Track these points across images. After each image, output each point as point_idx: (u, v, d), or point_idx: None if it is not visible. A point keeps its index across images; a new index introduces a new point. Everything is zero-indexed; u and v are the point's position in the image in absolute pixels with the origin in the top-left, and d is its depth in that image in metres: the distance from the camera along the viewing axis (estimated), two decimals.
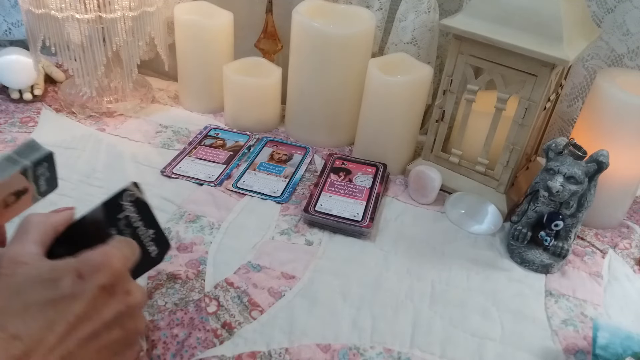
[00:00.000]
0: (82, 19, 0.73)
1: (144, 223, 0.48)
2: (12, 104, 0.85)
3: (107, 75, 0.82)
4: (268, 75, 0.82)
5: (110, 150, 0.76)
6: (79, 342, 0.34)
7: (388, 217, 0.69)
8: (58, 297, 0.35)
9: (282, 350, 0.49)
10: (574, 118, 0.81)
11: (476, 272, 0.61)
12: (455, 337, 0.53)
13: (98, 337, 0.36)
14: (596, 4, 0.73)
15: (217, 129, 0.84)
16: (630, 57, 0.73)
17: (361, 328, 0.52)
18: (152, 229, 0.49)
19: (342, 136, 0.84)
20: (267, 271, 0.58)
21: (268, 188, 0.71)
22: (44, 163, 0.50)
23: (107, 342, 0.36)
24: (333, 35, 0.73)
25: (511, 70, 0.63)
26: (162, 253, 0.51)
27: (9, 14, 0.98)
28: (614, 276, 0.63)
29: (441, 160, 0.75)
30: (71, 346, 0.34)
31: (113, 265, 0.37)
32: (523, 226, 0.64)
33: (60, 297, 0.35)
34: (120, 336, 0.37)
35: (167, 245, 0.51)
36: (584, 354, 0.52)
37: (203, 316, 0.52)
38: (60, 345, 0.34)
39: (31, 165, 0.49)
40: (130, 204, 0.46)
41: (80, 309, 0.35)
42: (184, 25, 0.82)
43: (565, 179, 0.58)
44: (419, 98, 0.73)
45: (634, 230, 0.71)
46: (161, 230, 0.50)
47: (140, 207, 0.48)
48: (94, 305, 0.35)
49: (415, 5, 0.78)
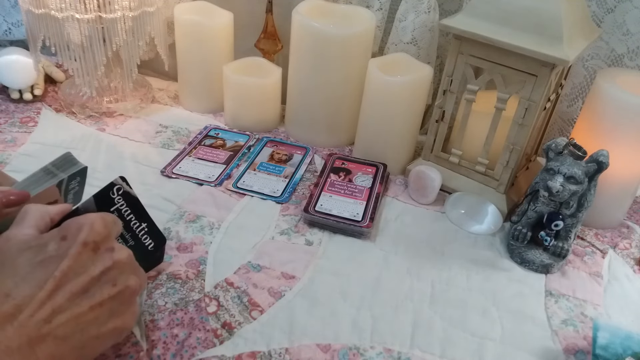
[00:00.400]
0: (82, 19, 0.73)
1: (135, 216, 0.49)
2: (12, 104, 0.85)
3: (107, 75, 0.82)
4: (268, 75, 0.82)
5: (110, 150, 0.76)
6: (68, 297, 0.36)
7: (388, 217, 0.69)
8: (45, 258, 0.37)
9: (282, 350, 0.49)
10: (574, 118, 0.81)
11: (476, 272, 0.61)
12: (455, 337, 0.53)
13: (88, 292, 0.37)
14: (596, 4, 0.73)
15: (217, 129, 0.84)
16: (630, 57, 0.73)
17: (361, 328, 0.52)
18: (145, 223, 0.50)
19: (342, 136, 0.84)
20: (267, 271, 0.58)
21: (268, 188, 0.71)
22: (77, 177, 0.51)
23: (100, 299, 0.37)
24: (333, 35, 0.73)
25: (511, 70, 0.63)
26: (159, 247, 0.52)
27: (9, 14, 0.98)
28: (614, 276, 0.63)
29: (441, 160, 0.75)
30: (61, 300, 0.36)
31: (93, 224, 0.39)
32: (523, 226, 0.64)
33: (47, 258, 0.37)
34: (113, 293, 0.38)
35: (163, 239, 0.52)
36: (584, 354, 0.52)
37: (203, 316, 0.52)
38: (50, 299, 0.35)
39: (67, 178, 0.50)
40: (120, 197, 0.48)
41: (66, 265, 0.36)
42: (184, 25, 0.82)
43: (565, 179, 0.58)
44: (419, 98, 0.73)
45: (634, 230, 0.71)
46: (154, 224, 0.51)
47: (130, 201, 0.49)
48: (79, 261, 0.37)
49: (415, 5, 0.78)
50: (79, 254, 0.37)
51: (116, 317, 0.39)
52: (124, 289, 0.39)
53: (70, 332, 0.36)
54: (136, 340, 0.48)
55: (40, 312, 0.35)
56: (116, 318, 0.39)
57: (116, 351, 0.47)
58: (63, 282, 0.36)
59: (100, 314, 0.37)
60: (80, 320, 0.36)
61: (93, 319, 0.37)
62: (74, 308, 0.36)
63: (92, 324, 0.37)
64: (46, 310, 0.35)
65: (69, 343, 0.36)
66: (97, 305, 0.37)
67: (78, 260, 0.37)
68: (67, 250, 0.37)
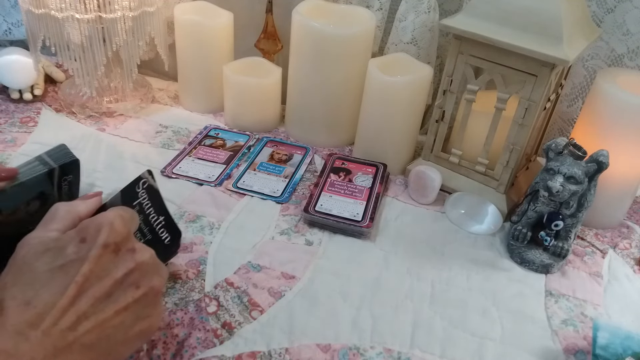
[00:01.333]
0: (82, 19, 0.73)
1: (154, 209, 0.49)
2: (12, 104, 0.85)
3: (107, 75, 0.82)
4: (268, 75, 0.82)
5: (110, 150, 0.76)
6: (92, 302, 0.35)
7: (388, 217, 0.69)
8: (65, 263, 0.35)
9: (282, 350, 0.49)
10: (574, 118, 0.81)
11: (476, 272, 0.61)
12: (455, 337, 0.53)
13: (112, 297, 0.36)
14: (596, 4, 0.73)
15: (217, 129, 0.84)
16: (630, 57, 0.73)
17: (361, 328, 0.52)
18: (162, 216, 0.49)
19: (342, 136, 0.84)
20: (267, 271, 0.58)
21: (268, 188, 0.71)
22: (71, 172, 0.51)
23: (125, 303, 0.36)
24: (333, 35, 0.73)
25: (511, 70, 0.63)
26: (174, 240, 0.52)
27: (9, 14, 0.98)
28: (614, 276, 0.63)
29: (441, 160, 0.75)
30: (84, 306, 0.34)
31: (113, 224, 0.37)
32: (523, 226, 0.64)
33: (67, 262, 0.35)
34: (137, 296, 0.37)
35: (178, 232, 0.52)
36: (584, 354, 0.52)
37: (203, 316, 0.52)
38: (73, 305, 0.34)
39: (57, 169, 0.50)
40: (144, 191, 0.47)
41: (87, 269, 0.35)
42: (184, 25, 0.82)
43: (565, 179, 0.58)
44: (419, 98, 0.73)
45: (634, 230, 0.71)
46: (170, 217, 0.50)
47: (152, 194, 0.48)
48: (101, 264, 0.36)
49: (415, 5, 0.78)
50: (100, 257, 0.36)
51: (142, 320, 0.37)
52: (148, 290, 0.37)
53: (97, 339, 0.34)
54: None
55: (64, 320, 0.33)
56: (142, 321, 0.37)
57: None
58: (85, 287, 0.35)
59: (126, 318, 0.36)
60: (105, 325, 0.35)
61: (119, 323, 0.36)
62: (99, 314, 0.35)
63: (119, 329, 0.36)
64: (70, 318, 0.33)
65: (95, 350, 0.35)
66: (122, 309, 0.36)
67: (99, 263, 0.36)
68: (88, 253, 0.36)
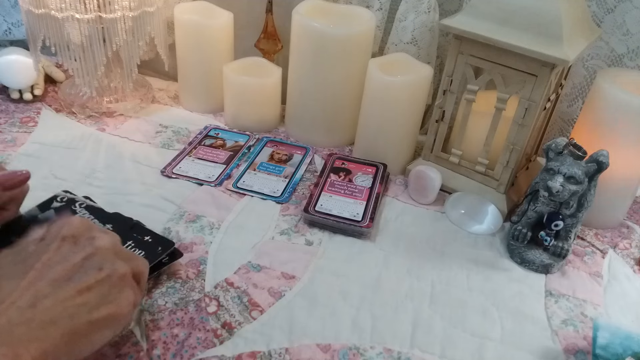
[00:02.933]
0: (82, 19, 0.73)
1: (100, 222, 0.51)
2: (12, 104, 0.85)
3: (107, 75, 0.82)
4: (268, 75, 0.82)
5: (110, 150, 0.76)
6: (50, 283, 0.36)
7: (388, 217, 0.69)
8: (26, 257, 0.38)
9: (282, 350, 0.49)
10: (574, 118, 0.81)
11: (476, 272, 0.61)
12: (455, 337, 0.53)
13: (72, 279, 0.37)
14: (596, 4, 0.73)
15: (217, 129, 0.84)
16: (630, 57, 0.73)
17: (361, 328, 0.52)
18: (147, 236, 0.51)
19: (342, 136, 0.84)
20: (267, 271, 0.58)
21: (268, 188, 0.71)
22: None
23: (87, 283, 0.37)
24: (333, 35, 0.73)
25: (511, 70, 0.63)
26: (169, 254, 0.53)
27: (9, 14, 0.98)
28: (614, 276, 0.63)
29: (441, 160, 0.75)
30: (42, 286, 0.36)
31: (73, 222, 0.40)
32: (523, 226, 0.64)
33: (27, 256, 0.38)
34: (100, 277, 0.38)
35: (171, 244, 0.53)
36: (584, 354, 0.52)
37: (203, 316, 0.52)
38: (32, 285, 0.36)
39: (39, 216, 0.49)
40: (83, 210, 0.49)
41: (46, 257, 0.37)
42: (184, 25, 0.82)
43: (565, 179, 0.58)
44: (419, 98, 0.73)
45: (634, 230, 0.71)
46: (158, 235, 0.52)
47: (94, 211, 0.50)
48: (59, 253, 0.38)
49: (415, 5, 0.78)
50: (59, 247, 0.38)
51: (109, 303, 0.38)
52: (112, 272, 0.39)
53: (58, 316, 0.35)
54: (136, 340, 0.48)
55: (22, 300, 0.35)
56: (109, 304, 0.38)
57: (116, 351, 0.47)
58: (44, 272, 0.36)
59: (90, 299, 0.37)
60: (67, 304, 0.36)
61: (82, 303, 0.36)
62: (58, 292, 0.36)
63: (82, 309, 0.36)
64: (28, 297, 0.35)
65: (59, 326, 0.35)
66: (85, 289, 0.37)
67: (58, 252, 0.38)
68: (47, 246, 0.38)
